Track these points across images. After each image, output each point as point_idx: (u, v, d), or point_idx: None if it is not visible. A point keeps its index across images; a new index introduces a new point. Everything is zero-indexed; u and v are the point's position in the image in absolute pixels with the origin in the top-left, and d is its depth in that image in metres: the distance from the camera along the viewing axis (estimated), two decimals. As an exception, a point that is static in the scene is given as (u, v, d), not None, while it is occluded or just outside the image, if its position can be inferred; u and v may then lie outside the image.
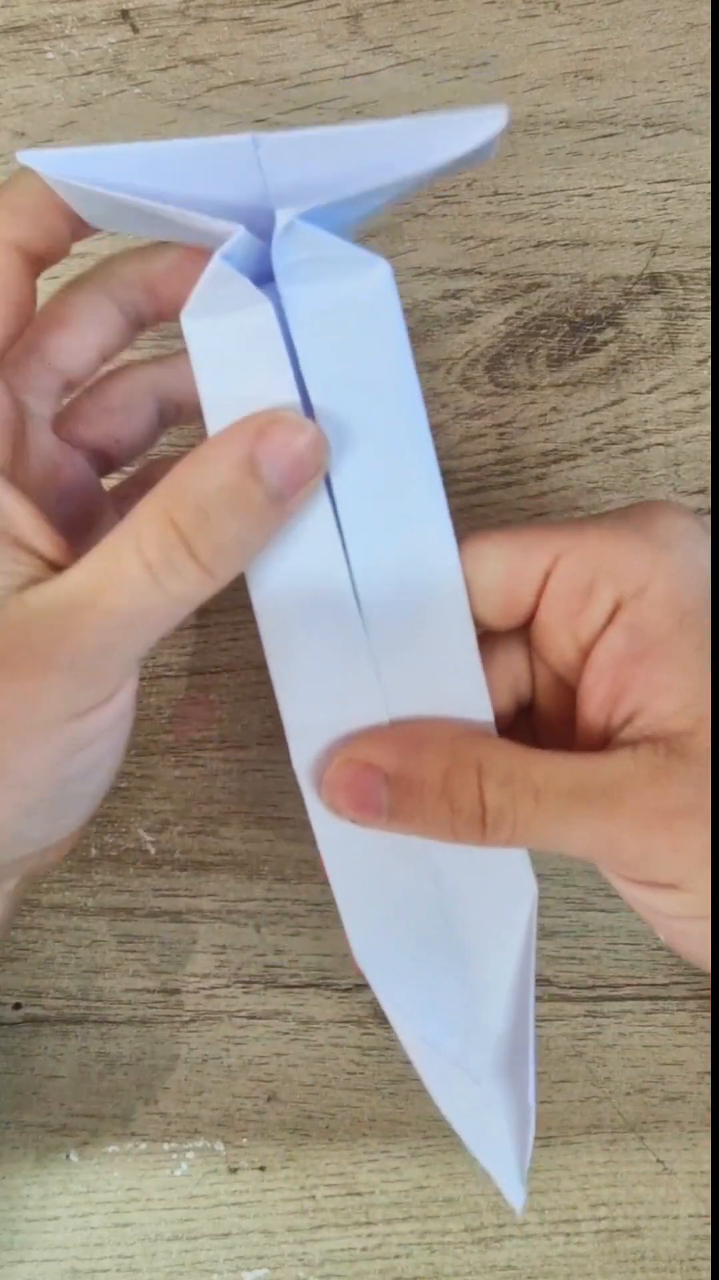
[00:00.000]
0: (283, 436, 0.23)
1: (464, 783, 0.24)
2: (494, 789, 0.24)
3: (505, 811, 0.24)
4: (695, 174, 0.36)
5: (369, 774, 0.25)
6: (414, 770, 0.25)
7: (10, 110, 0.35)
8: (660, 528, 0.25)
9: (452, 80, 0.35)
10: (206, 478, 0.22)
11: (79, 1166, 0.35)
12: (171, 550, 0.22)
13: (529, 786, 0.24)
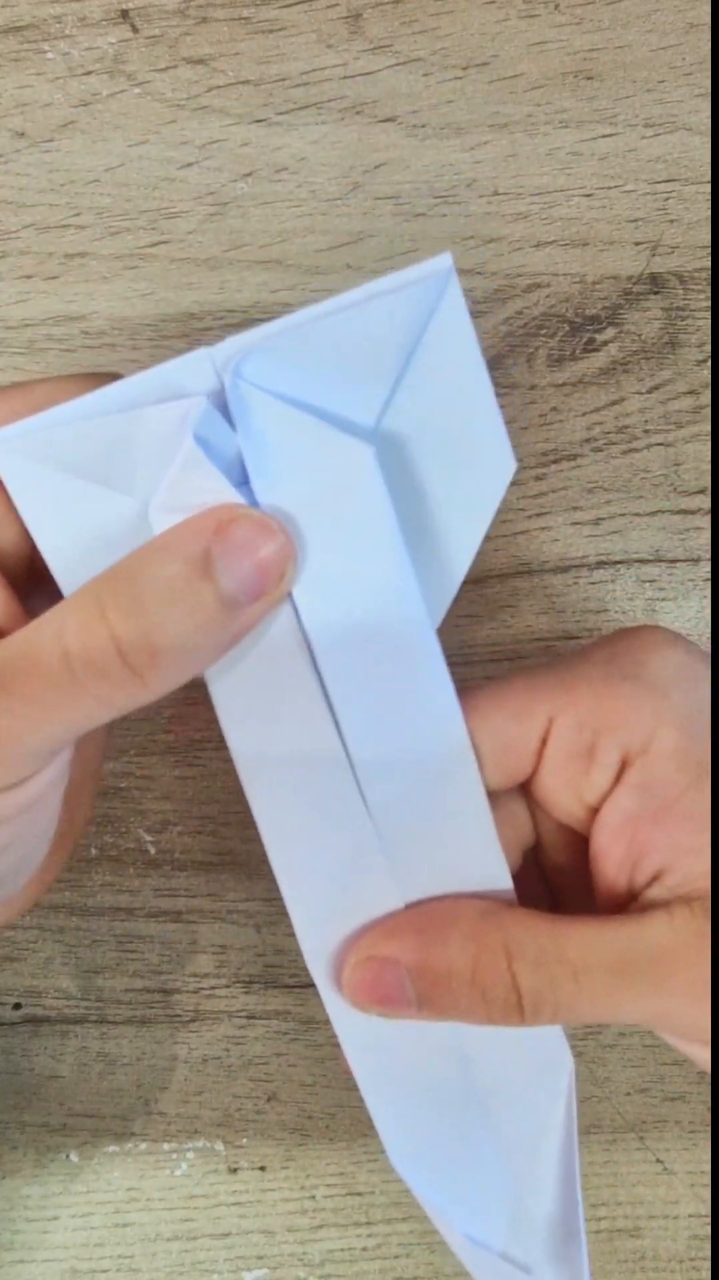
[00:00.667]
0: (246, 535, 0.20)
1: (494, 970, 0.23)
2: (527, 972, 0.23)
3: (545, 995, 0.23)
4: (695, 174, 0.36)
5: (391, 969, 0.23)
6: (439, 962, 0.23)
7: (10, 110, 0.35)
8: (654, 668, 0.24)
9: (452, 80, 0.35)
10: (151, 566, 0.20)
11: (79, 1166, 0.35)
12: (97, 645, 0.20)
13: (566, 966, 0.23)
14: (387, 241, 0.36)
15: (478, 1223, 0.26)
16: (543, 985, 0.23)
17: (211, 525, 0.20)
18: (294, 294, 0.35)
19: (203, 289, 0.35)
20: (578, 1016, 0.23)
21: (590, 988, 0.23)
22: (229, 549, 0.20)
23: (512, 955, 0.23)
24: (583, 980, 0.23)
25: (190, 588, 0.20)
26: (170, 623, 0.20)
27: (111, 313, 0.35)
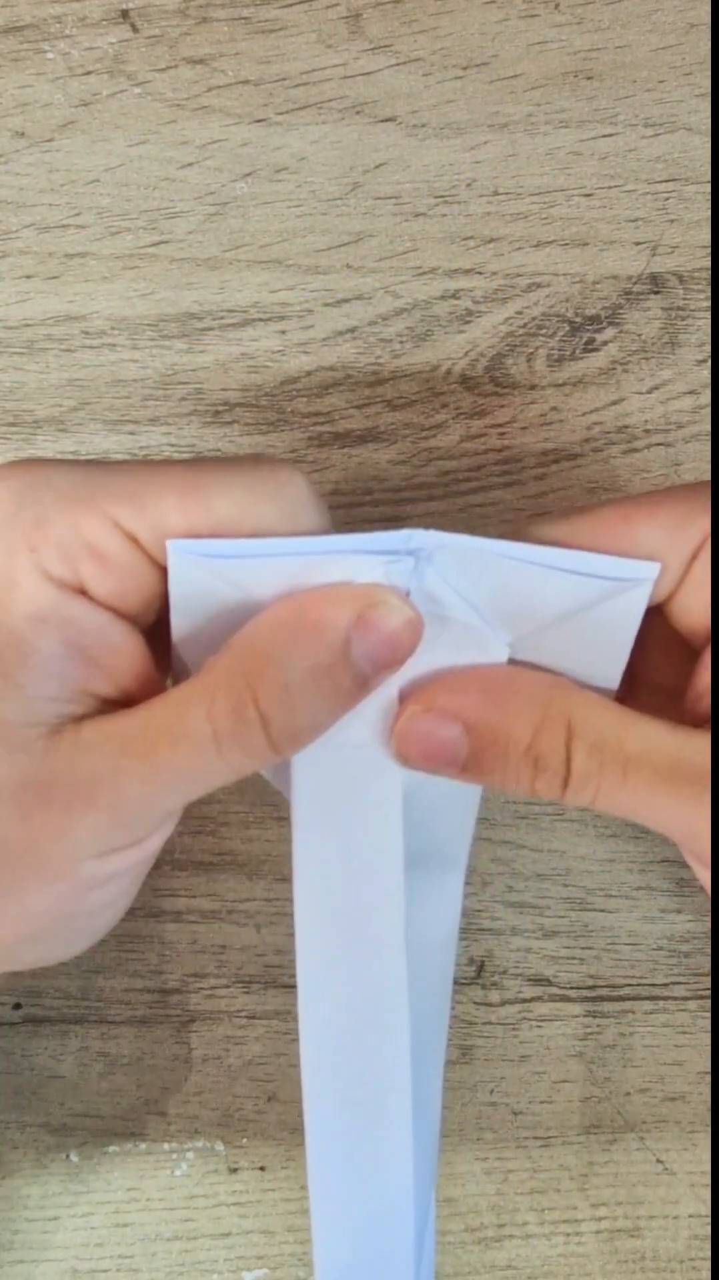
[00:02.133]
0: (382, 620, 0.22)
1: (552, 742, 0.23)
2: (583, 754, 0.23)
3: (592, 778, 0.23)
4: (695, 174, 0.36)
5: (447, 725, 0.23)
6: (500, 723, 0.23)
7: (10, 110, 0.35)
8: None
9: (452, 80, 0.35)
10: (298, 655, 0.21)
11: (79, 1166, 0.35)
12: (245, 725, 0.21)
13: (621, 755, 0.23)
14: (387, 241, 0.36)
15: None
16: (594, 768, 0.23)
17: (353, 612, 0.22)
18: (294, 294, 0.35)
19: (203, 289, 0.35)
20: (615, 806, 0.23)
21: (636, 783, 0.22)
22: (366, 634, 0.22)
23: (573, 731, 0.23)
24: (632, 773, 0.22)
25: (331, 676, 0.21)
26: (312, 708, 0.22)
27: (111, 313, 0.35)
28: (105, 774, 0.21)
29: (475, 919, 0.35)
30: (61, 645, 0.22)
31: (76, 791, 0.22)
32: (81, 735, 0.22)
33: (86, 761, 0.22)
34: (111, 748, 0.22)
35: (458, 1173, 0.35)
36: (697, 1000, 0.35)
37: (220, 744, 0.21)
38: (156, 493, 0.22)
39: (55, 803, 0.22)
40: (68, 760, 0.22)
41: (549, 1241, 0.35)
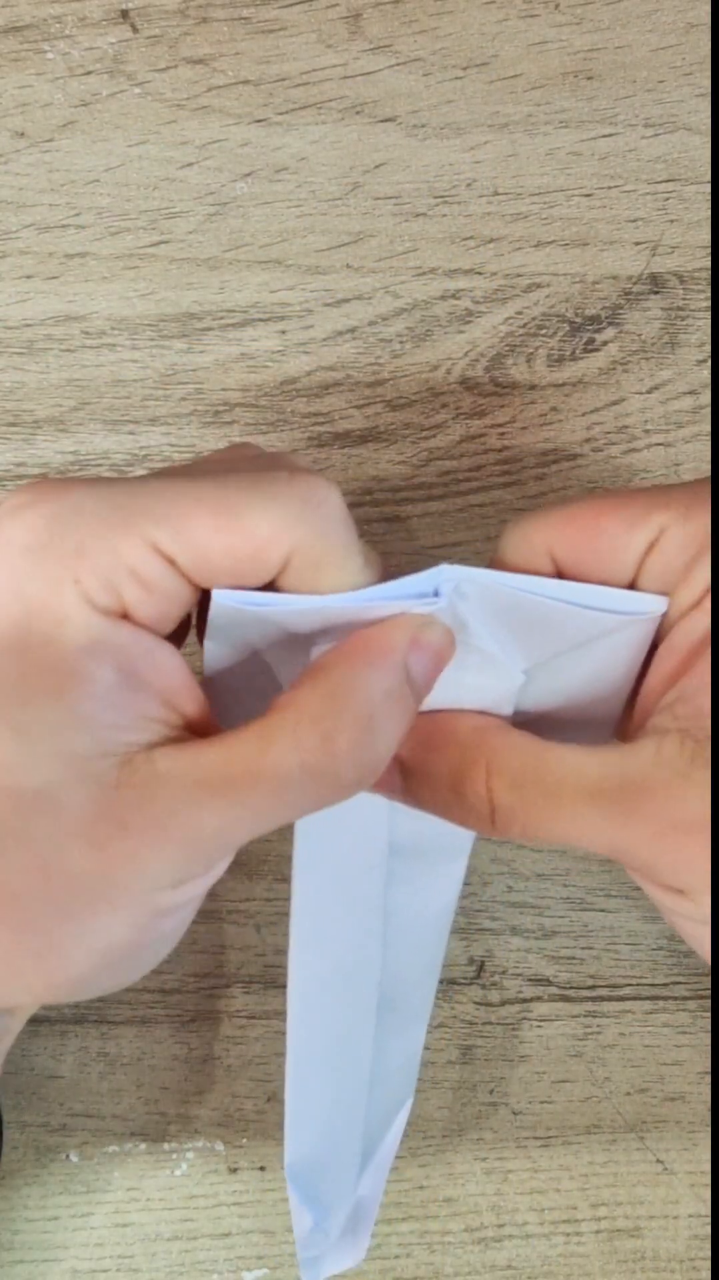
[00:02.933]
0: (430, 638, 0.23)
1: (473, 781, 0.24)
2: (503, 789, 0.23)
3: (516, 812, 0.23)
4: (695, 174, 0.36)
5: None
6: (426, 765, 0.25)
7: (10, 110, 0.35)
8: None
9: (452, 80, 0.35)
10: (369, 684, 0.22)
11: (79, 1166, 0.35)
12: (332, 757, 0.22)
13: (542, 788, 0.23)
14: (387, 241, 0.36)
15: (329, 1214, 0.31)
16: (516, 803, 0.23)
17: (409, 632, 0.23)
18: (294, 294, 0.35)
19: (203, 289, 0.35)
20: (547, 835, 0.23)
21: (561, 809, 0.23)
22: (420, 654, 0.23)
23: (491, 772, 0.24)
24: (555, 801, 0.23)
25: (402, 698, 0.23)
26: (391, 733, 0.23)
27: (111, 313, 0.35)
28: (182, 807, 0.22)
29: (475, 919, 0.35)
30: (116, 673, 0.22)
31: (153, 824, 0.22)
32: (156, 766, 0.22)
33: (163, 794, 0.22)
34: (189, 780, 0.22)
35: (458, 1173, 0.35)
36: (697, 1000, 0.35)
37: (305, 778, 0.22)
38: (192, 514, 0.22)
39: (131, 835, 0.22)
40: (143, 792, 0.22)
41: (549, 1241, 0.35)
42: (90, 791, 0.22)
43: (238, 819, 0.22)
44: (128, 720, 0.22)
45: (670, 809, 0.22)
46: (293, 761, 0.22)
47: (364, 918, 0.27)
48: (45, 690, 0.22)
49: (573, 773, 0.23)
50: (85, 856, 0.22)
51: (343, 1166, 0.31)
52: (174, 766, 0.22)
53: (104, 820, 0.22)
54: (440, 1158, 0.35)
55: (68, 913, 0.22)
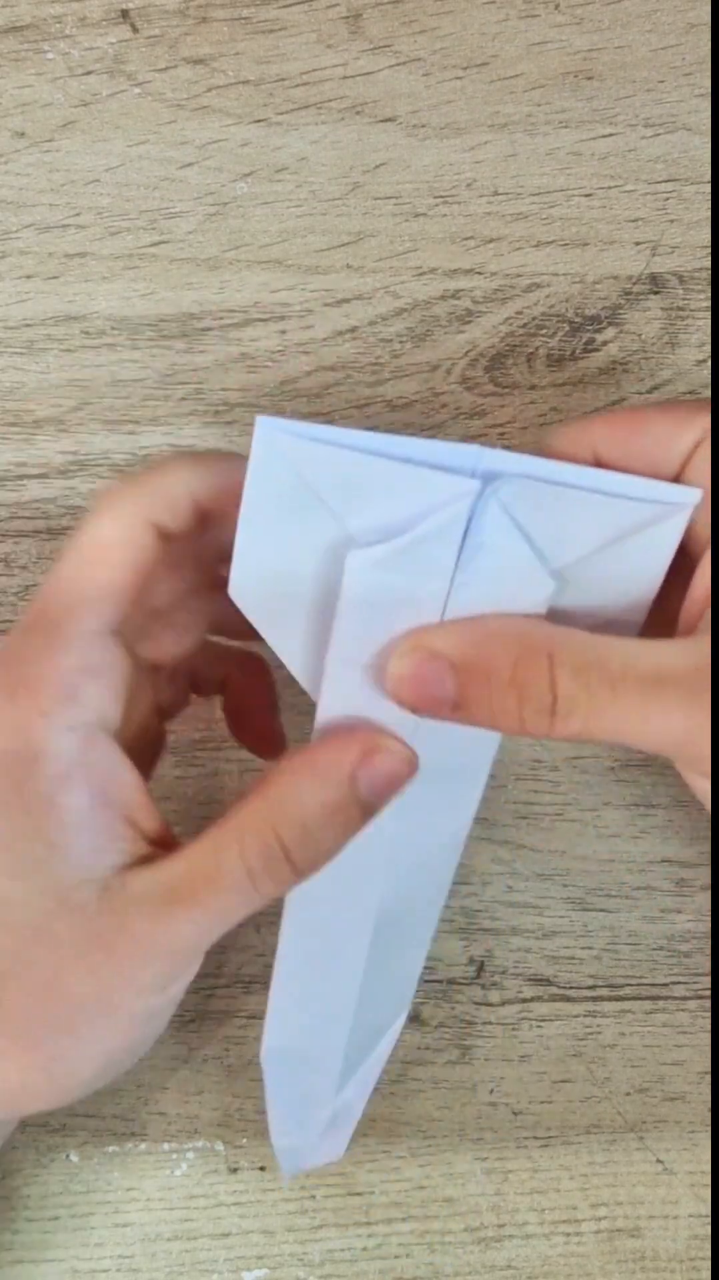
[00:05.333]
0: (382, 764, 0.25)
1: (535, 671, 0.24)
2: (567, 677, 0.23)
3: (579, 701, 0.23)
4: (695, 174, 0.36)
5: (434, 663, 0.24)
6: (482, 658, 0.24)
7: (10, 110, 0.35)
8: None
9: (452, 80, 0.35)
10: (313, 794, 0.24)
11: (79, 1166, 0.35)
12: (273, 860, 0.24)
13: (606, 675, 0.23)
14: (387, 241, 0.36)
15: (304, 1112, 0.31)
16: (579, 691, 0.23)
17: (357, 753, 0.25)
18: (294, 294, 0.35)
19: (203, 289, 0.35)
20: (606, 727, 0.24)
21: (624, 698, 0.23)
22: (370, 771, 0.25)
23: (554, 659, 0.24)
24: (619, 690, 0.23)
25: (342, 809, 0.25)
26: (327, 837, 0.25)
27: (111, 313, 0.35)
28: (158, 923, 0.24)
29: (475, 919, 0.35)
30: (88, 796, 0.25)
31: (136, 942, 0.24)
32: (129, 890, 0.24)
33: (141, 914, 0.24)
34: (159, 898, 0.24)
35: (458, 1173, 0.35)
36: (697, 1000, 0.35)
37: (254, 880, 0.24)
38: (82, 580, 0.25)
39: (118, 955, 0.24)
40: (123, 916, 0.24)
41: (549, 1241, 0.35)
42: (77, 920, 0.24)
43: (205, 924, 0.24)
44: (101, 843, 0.25)
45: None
46: (240, 869, 0.24)
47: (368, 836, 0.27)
48: (26, 830, 0.24)
49: (637, 661, 0.23)
50: (82, 981, 0.24)
51: (323, 1070, 0.31)
52: (144, 887, 0.24)
53: (93, 945, 0.24)
54: (440, 1158, 0.35)
55: (71, 1030, 0.24)
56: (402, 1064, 0.35)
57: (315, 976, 0.29)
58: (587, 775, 0.36)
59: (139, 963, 0.24)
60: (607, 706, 0.23)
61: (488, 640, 0.24)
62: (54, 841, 0.24)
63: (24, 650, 0.25)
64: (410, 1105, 0.35)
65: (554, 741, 0.36)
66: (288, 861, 0.25)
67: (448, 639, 0.24)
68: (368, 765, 0.25)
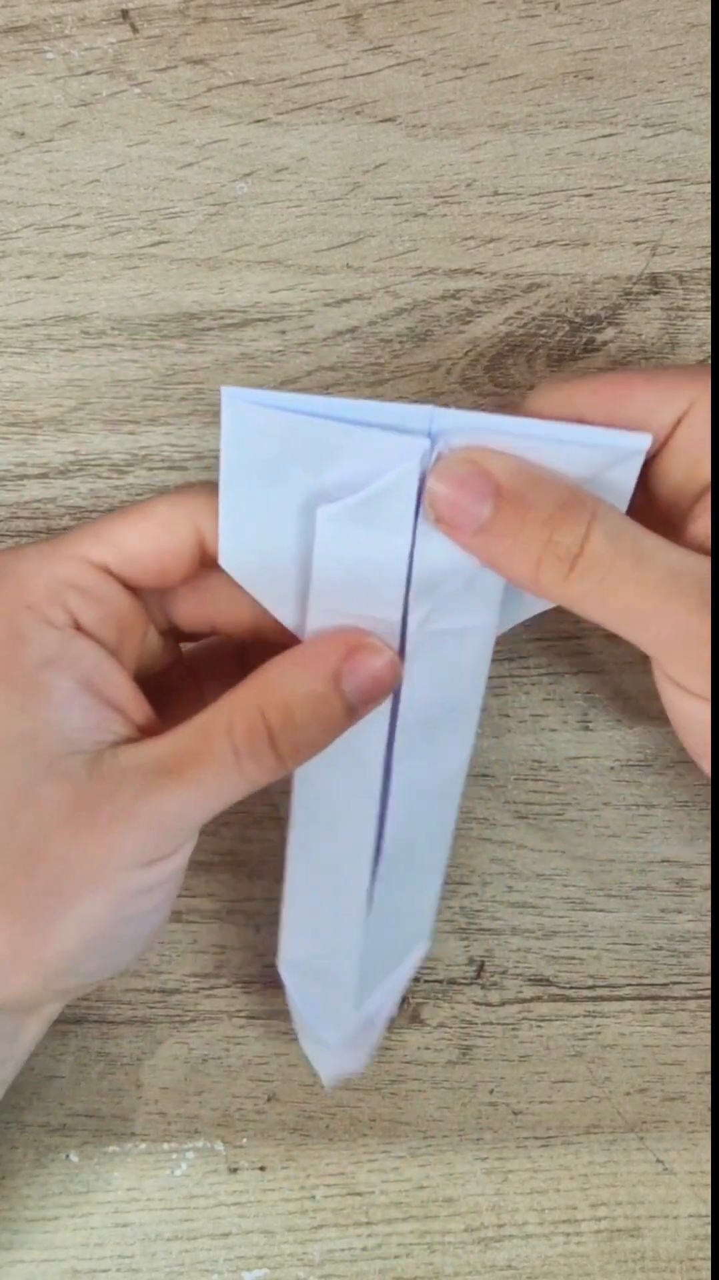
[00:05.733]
0: (366, 659, 0.26)
1: (575, 519, 0.24)
2: (602, 535, 0.24)
3: (602, 562, 0.24)
4: (695, 174, 0.36)
5: (481, 479, 0.24)
6: (530, 491, 0.24)
7: (10, 110, 0.35)
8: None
9: (452, 80, 0.35)
10: (298, 682, 0.26)
11: (79, 1166, 0.35)
12: (257, 740, 0.25)
13: (635, 549, 0.24)
14: (386, 241, 0.36)
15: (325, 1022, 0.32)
16: (607, 551, 0.24)
17: (342, 649, 0.26)
18: (294, 294, 0.35)
19: (203, 289, 0.35)
20: (614, 599, 0.24)
21: (643, 577, 0.24)
22: (353, 669, 0.26)
23: (596, 516, 0.24)
24: (641, 567, 0.24)
25: (326, 699, 0.25)
26: (311, 724, 0.26)
27: (111, 313, 0.35)
28: (145, 793, 0.25)
29: (475, 919, 0.35)
30: (74, 683, 0.26)
31: (122, 810, 0.25)
32: (119, 760, 0.25)
33: (127, 783, 0.25)
34: (148, 770, 0.25)
35: (458, 1173, 0.35)
36: (697, 1000, 0.35)
37: (239, 758, 0.25)
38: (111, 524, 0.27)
39: (102, 820, 0.25)
40: (111, 783, 0.25)
41: (549, 1241, 0.35)
42: (64, 786, 0.25)
43: (192, 799, 0.25)
44: (90, 723, 0.26)
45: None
46: (227, 747, 0.25)
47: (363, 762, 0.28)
48: (14, 704, 0.25)
49: (664, 551, 0.24)
50: (66, 843, 0.25)
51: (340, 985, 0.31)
52: (134, 760, 0.25)
53: (80, 810, 0.25)
54: (440, 1158, 0.35)
55: (54, 893, 0.25)
56: (402, 1064, 0.35)
57: (321, 898, 0.30)
58: (587, 775, 0.36)
59: (123, 831, 0.25)
60: (624, 578, 0.24)
61: (539, 478, 0.25)
62: (41, 716, 0.25)
63: (21, 558, 0.27)
64: (410, 1105, 0.35)
65: (554, 746, 0.36)
66: (272, 746, 0.25)
67: (502, 463, 0.24)
68: (351, 661, 0.26)
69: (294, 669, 0.26)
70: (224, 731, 0.25)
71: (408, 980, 0.33)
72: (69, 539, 0.27)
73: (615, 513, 0.25)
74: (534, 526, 0.24)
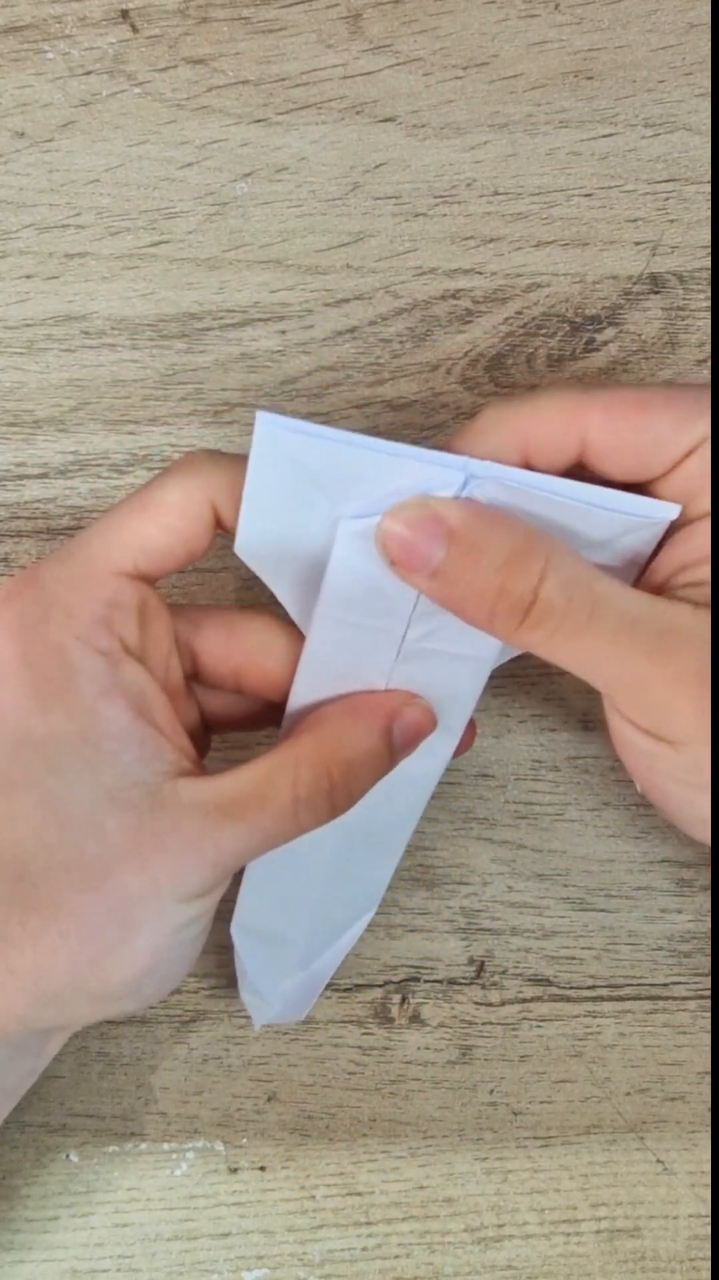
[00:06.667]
0: (411, 715, 0.28)
1: (527, 567, 0.24)
2: (554, 586, 0.24)
3: (555, 611, 0.24)
4: (695, 174, 0.36)
5: (433, 524, 0.24)
6: (481, 535, 0.24)
7: (10, 110, 0.35)
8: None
9: (452, 80, 0.35)
10: (361, 740, 0.27)
11: (79, 1166, 0.35)
12: (319, 793, 0.26)
13: (589, 597, 0.24)
14: (387, 241, 0.36)
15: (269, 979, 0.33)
16: (560, 601, 0.24)
17: (392, 708, 0.27)
18: (294, 294, 0.35)
19: (203, 289, 0.35)
20: (569, 648, 0.25)
21: (597, 626, 0.24)
22: (402, 725, 0.27)
23: (549, 563, 0.24)
24: (595, 616, 0.24)
25: (379, 756, 0.27)
26: (366, 780, 0.27)
27: (111, 313, 0.35)
28: (208, 832, 0.25)
29: (475, 919, 0.35)
30: (130, 713, 0.26)
31: (187, 845, 0.25)
32: (180, 795, 0.26)
33: (189, 819, 0.25)
34: (210, 809, 0.25)
35: (458, 1173, 0.35)
36: (697, 1000, 0.35)
37: (299, 808, 0.26)
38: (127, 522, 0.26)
39: (169, 853, 0.25)
40: (174, 817, 0.25)
41: (549, 1241, 0.35)
42: (128, 817, 0.25)
43: (248, 841, 0.26)
44: (146, 754, 0.26)
45: (695, 660, 0.24)
46: (289, 796, 0.26)
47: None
48: (71, 735, 0.25)
49: (619, 598, 0.25)
50: (132, 875, 0.25)
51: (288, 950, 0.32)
52: (196, 797, 0.26)
53: (144, 843, 0.25)
54: (440, 1158, 0.35)
55: (121, 923, 0.25)
56: (402, 1064, 0.35)
57: (280, 868, 0.30)
58: (587, 775, 0.36)
59: (188, 864, 0.25)
60: (578, 628, 0.24)
61: (492, 523, 0.24)
62: (101, 747, 0.25)
63: (58, 578, 0.26)
64: (410, 1105, 0.35)
65: (554, 746, 0.36)
66: (330, 797, 0.26)
67: (454, 508, 0.24)
68: (400, 718, 0.27)
69: (353, 725, 0.27)
70: (289, 783, 0.26)
71: (348, 950, 0.33)
72: (93, 547, 0.26)
73: (570, 557, 0.25)
74: (487, 572, 0.24)
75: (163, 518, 0.26)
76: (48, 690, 0.26)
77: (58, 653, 0.26)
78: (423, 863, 0.35)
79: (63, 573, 0.26)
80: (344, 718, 0.27)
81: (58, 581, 0.26)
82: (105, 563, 0.26)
